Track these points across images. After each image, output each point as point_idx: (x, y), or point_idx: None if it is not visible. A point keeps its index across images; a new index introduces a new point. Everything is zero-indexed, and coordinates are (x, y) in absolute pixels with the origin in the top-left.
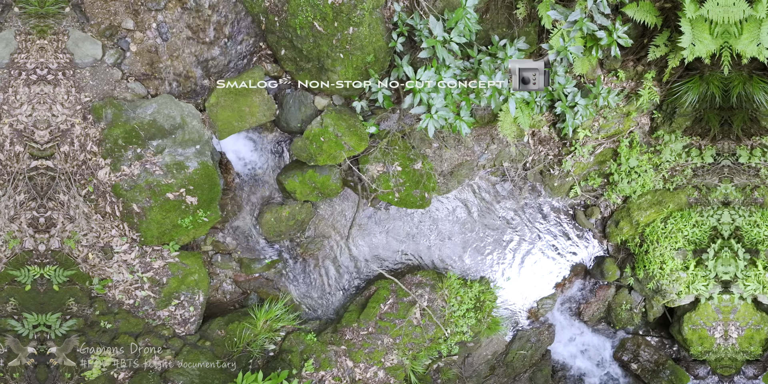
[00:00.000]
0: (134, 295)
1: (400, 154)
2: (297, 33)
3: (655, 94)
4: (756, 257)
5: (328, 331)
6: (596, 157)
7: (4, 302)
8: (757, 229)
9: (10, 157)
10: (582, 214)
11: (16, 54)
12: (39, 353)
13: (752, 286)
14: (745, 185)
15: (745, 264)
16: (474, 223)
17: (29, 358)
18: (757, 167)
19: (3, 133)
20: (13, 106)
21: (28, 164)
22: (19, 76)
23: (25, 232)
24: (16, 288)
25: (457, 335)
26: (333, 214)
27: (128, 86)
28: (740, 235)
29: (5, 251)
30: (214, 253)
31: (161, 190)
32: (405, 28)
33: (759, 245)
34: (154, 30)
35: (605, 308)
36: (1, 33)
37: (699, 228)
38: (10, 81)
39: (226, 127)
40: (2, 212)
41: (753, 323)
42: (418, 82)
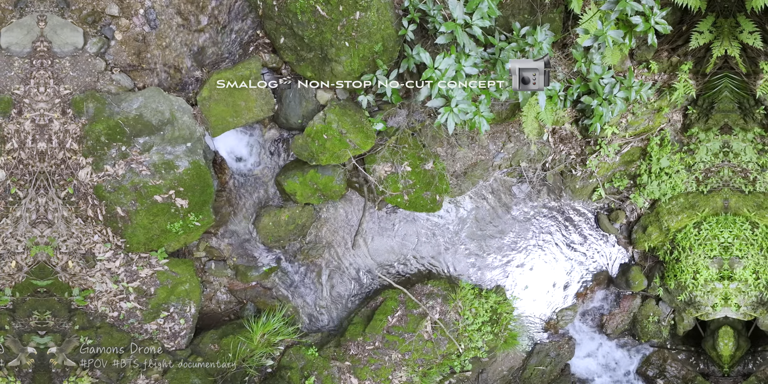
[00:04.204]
0: (118, 306)
1: (409, 153)
2: (297, 18)
3: (691, 87)
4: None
5: (331, 346)
6: (622, 156)
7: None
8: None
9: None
10: (606, 219)
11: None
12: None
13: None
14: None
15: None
16: (489, 228)
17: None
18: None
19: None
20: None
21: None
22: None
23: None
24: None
25: (472, 351)
26: (336, 217)
27: (113, 78)
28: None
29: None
30: (208, 259)
31: (148, 191)
32: (416, 15)
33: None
34: (141, 16)
35: (630, 320)
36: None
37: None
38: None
39: (220, 123)
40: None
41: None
42: (436, 70)
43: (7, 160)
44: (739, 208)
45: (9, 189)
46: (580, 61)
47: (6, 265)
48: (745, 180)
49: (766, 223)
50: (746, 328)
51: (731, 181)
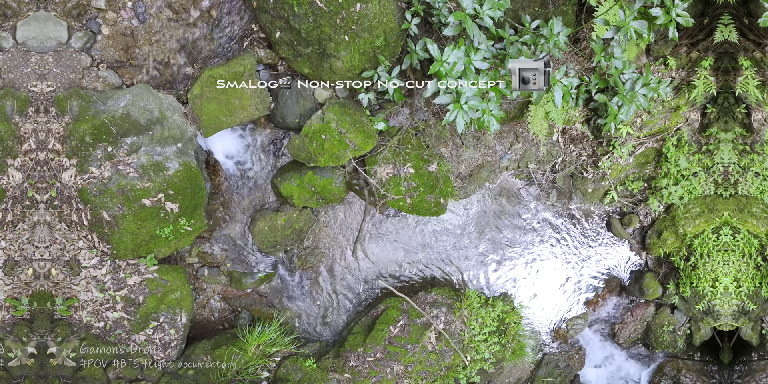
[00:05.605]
0: (105, 316)
1: (412, 155)
2: (294, 11)
3: (711, 85)
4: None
5: (330, 357)
6: (636, 158)
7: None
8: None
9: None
10: (618, 223)
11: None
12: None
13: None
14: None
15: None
16: (495, 233)
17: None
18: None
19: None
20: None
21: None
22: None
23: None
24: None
25: (478, 362)
26: (335, 222)
27: (99, 75)
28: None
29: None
30: (201, 265)
31: (136, 195)
32: (421, 7)
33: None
34: (129, 10)
35: (643, 329)
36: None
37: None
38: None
39: (213, 123)
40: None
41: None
42: (445, 64)
43: (24, 162)
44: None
45: (26, 192)
46: (599, 55)
47: (23, 273)
48: (726, 182)
49: (748, 229)
50: (728, 338)
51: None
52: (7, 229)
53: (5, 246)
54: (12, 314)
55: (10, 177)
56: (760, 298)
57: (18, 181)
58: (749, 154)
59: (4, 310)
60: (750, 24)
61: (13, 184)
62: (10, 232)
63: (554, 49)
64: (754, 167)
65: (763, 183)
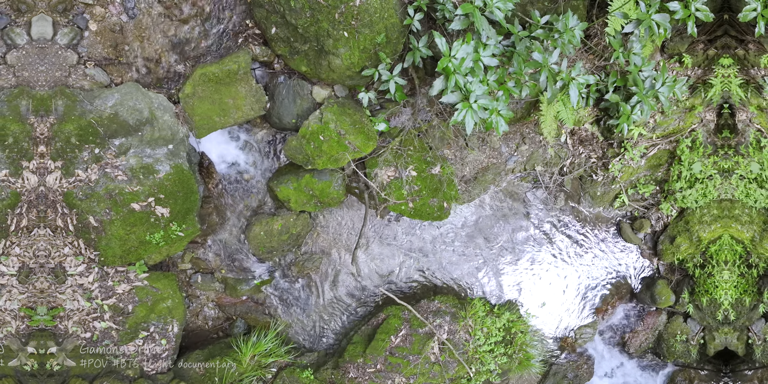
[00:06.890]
0: (92, 327)
1: (414, 157)
2: (290, 5)
3: (728, 84)
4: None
5: (328, 367)
6: (648, 160)
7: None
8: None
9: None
10: (628, 228)
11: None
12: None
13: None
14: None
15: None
16: (500, 238)
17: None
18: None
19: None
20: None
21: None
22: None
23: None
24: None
25: (483, 374)
26: (334, 227)
27: (86, 72)
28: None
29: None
30: (194, 272)
31: (124, 199)
32: (424, 2)
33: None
34: (118, 5)
35: (655, 338)
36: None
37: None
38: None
39: (206, 123)
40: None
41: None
42: (453, 59)
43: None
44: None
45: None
46: (617, 51)
47: (38, 280)
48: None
49: (730, 234)
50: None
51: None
52: (21, 234)
53: (20, 253)
54: (27, 324)
55: (26, 180)
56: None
57: (34, 184)
58: (733, 157)
59: (19, 319)
60: (731, 19)
61: (29, 188)
62: (25, 239)
63: (568, 45)
64: (739, 170)
65: (748, 186)
